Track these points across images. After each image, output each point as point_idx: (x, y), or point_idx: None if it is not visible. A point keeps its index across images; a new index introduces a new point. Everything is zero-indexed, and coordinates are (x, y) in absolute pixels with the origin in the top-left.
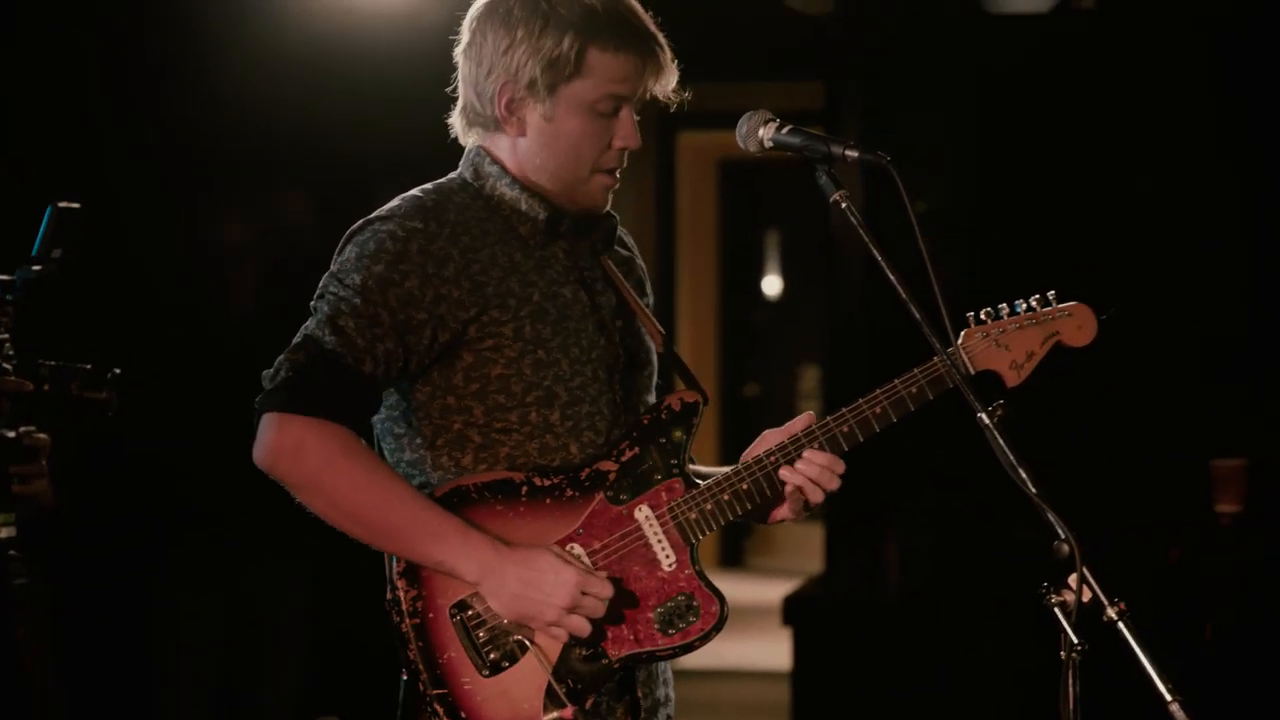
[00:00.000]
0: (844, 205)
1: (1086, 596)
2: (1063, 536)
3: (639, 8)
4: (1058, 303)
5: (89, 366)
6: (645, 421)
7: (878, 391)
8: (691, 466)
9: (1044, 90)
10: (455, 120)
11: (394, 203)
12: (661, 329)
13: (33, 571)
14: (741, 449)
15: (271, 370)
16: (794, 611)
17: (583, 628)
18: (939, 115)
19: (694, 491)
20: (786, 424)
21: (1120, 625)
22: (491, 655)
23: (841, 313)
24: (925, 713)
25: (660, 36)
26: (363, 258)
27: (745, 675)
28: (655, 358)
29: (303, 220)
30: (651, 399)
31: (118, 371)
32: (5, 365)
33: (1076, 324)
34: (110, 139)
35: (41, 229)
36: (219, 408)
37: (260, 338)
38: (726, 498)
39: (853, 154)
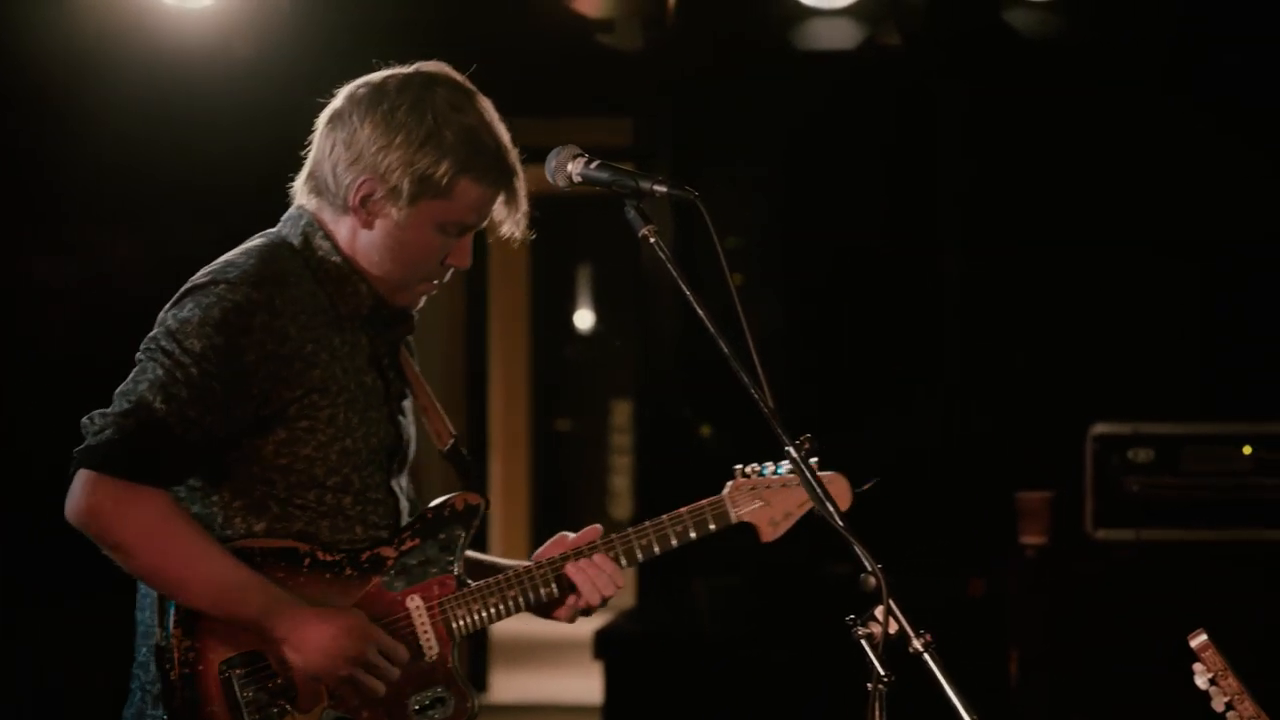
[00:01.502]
0: (653, 240)
1: (893, 628)
2: (869, 569)
3: (508, 141)
4: (820, 470)
5: None
6: (429, 516)
7: (647, 524)
8: (476, 555)
9: (852, 127)
10: (300, 184)
11: (236, 263)
12: (452, 429)
13: None
14: (552, 484)
15: (95, 426)
16: (605, 645)
17: (375, 687)
18: (749, 151)
19: (464, 591)
20: (578, 534)
21: (926, 657)
22: (253, 717)
23: (653, 347)
24: None
25: (521, 174)
26: (205, 324)
27: (557, 709)
28: (413, 448)
29: (126, 257)
30: (404, 482)
31: None
32: None
33: (833, 493)
34: None
35: None
36: (23, 453)
37: (73, 379)
38: (494, 602)
39: (661, 189)
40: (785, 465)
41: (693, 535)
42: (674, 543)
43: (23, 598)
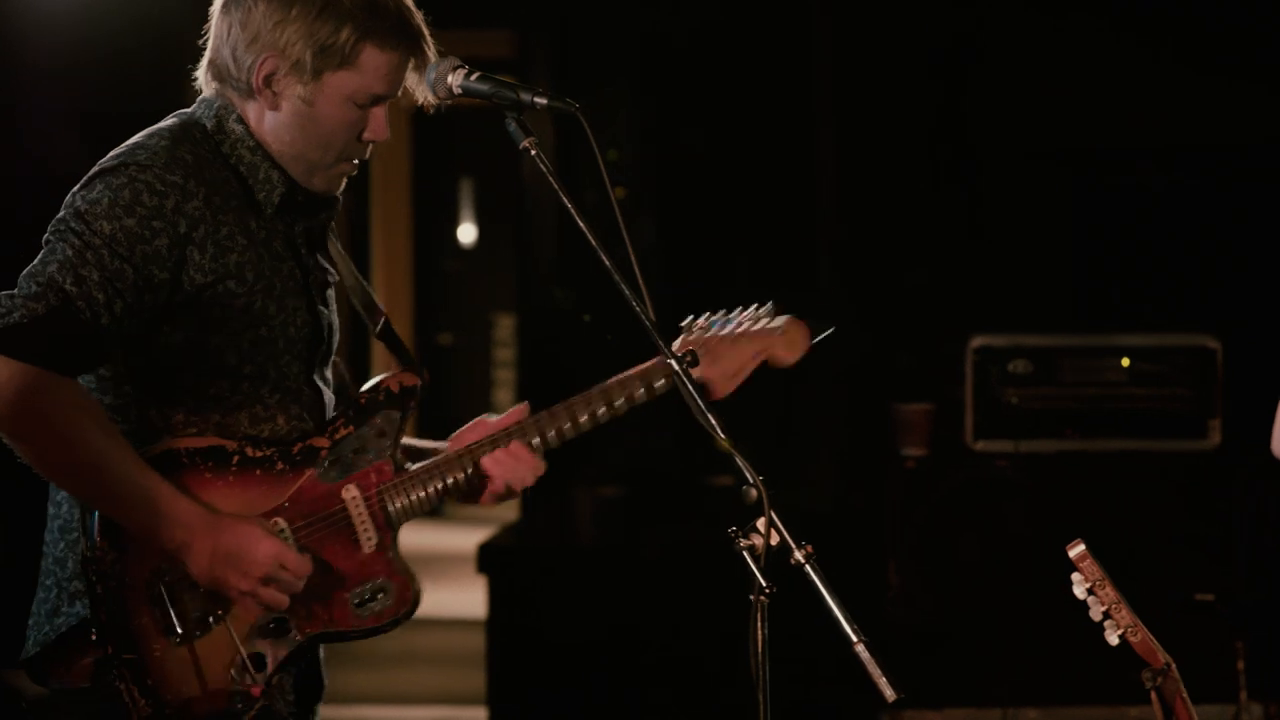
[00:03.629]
0: (533, 153)
1: (775, 540)
2: (751, 481)
3: (411, 3)
4: (774, 317)
5: None
6: (362, 401)
7: (575, 399)
8: (411, 442)
9: (729, 38)
10: (201, 73)
11: (146, 145)
12: (382, 308)
13: None
14: (435, 399)
15: (1, 309)
16: (489, 559)
17: (277, 600)
18: (630, 64)
19: (402, 476)
20: (503, 415)
21: (808, 568)
22: (184, 624)
23: (533, 260)
24: (619, 659)
25: (429, 36)
26: (116, 206)
27: (441, 623)
28: (337, 337)
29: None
30: (329, 374)
31: None
32: None
33: (788, 341)
34: None
35: None
36: None
37: None
38: (436, 486)
39: (541, 101)
40: (736, 314)
41: (622, 411)
42: (619, 404)
43: None
